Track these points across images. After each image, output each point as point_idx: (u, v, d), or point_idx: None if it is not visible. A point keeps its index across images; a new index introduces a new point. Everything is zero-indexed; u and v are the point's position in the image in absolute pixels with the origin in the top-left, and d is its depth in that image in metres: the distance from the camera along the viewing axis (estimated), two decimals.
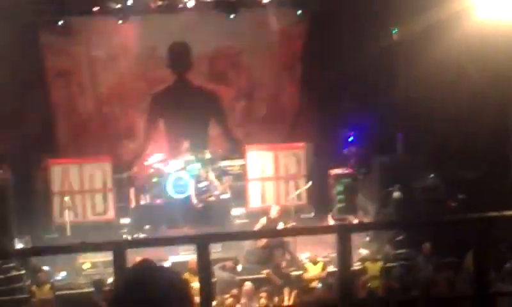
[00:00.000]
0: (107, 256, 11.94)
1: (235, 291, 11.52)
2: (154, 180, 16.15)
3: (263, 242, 13.22)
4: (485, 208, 5.27)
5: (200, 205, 14.98)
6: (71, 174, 16.20)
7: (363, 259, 12.86)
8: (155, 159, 16.53)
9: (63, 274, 13.25)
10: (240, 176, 16.69)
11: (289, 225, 14.13)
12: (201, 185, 15.06)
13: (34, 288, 12.18)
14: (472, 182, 14.89)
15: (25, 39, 16.21)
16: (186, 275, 11.25)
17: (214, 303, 10.59)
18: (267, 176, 16.63)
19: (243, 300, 11.54)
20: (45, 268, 12.66)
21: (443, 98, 15.54)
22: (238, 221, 15.91)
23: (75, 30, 17.31)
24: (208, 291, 4.91)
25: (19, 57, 15.44)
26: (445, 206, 14.34)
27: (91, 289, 12.13)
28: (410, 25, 15.65)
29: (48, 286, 12.10)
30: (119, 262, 4.51)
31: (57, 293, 12.20)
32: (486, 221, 4.83)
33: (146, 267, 2.45)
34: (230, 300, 11.41)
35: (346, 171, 16.32)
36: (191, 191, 15.06)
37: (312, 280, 12.54)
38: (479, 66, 14.57)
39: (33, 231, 14.62)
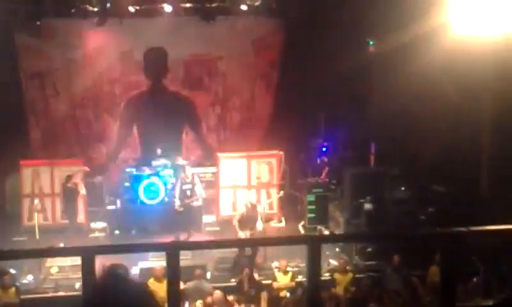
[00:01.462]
0: (75, 261, 11.83)
1: (209, 299, 11.45)
2: (126, 184, 16.04)
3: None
4: (455, 222, 5.31)
5: (182, 209, 14.82)
6: (42, 177, 16.01)
7: (332, 270, 12.89)
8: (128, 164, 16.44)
9: (29, 277, 13.05)
10: (212, 184, 16.63)
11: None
12: (185, 187, 14.92)
13: None
14: (442, 195, 15.03)
15: (0, 39, 16.04)
16: (151, 281, 11.22)
17: None
18: (239, 184, 16.57)
19: None
20: (12, 271, 12.42)
21: (416, 111, 15.69)
22: (209, 228, 15.85)
23: (51, 32, 17.15)
24: (176, 299, 4.88)
25: None
26: (416, 218, 14.44)
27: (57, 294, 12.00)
28: (387, 39, 15.79)
29: (13, 289, 11.87)
30: (87, 268, 4.45)
31: (22, 297, 11.99)
32: (454, 236, 4.87)
33: (113, 276, 2.47)
34: None
35: (318, 181, 16.34)
36: (176, 193, 14.90)
37: (281, 289, 12.53)
38: (453, 81, 14.74)
39: (1, 233, 14.41)
